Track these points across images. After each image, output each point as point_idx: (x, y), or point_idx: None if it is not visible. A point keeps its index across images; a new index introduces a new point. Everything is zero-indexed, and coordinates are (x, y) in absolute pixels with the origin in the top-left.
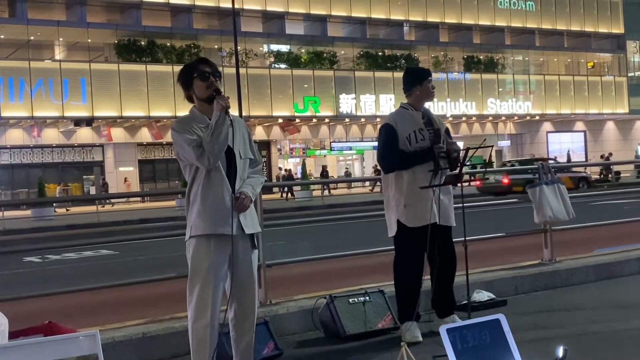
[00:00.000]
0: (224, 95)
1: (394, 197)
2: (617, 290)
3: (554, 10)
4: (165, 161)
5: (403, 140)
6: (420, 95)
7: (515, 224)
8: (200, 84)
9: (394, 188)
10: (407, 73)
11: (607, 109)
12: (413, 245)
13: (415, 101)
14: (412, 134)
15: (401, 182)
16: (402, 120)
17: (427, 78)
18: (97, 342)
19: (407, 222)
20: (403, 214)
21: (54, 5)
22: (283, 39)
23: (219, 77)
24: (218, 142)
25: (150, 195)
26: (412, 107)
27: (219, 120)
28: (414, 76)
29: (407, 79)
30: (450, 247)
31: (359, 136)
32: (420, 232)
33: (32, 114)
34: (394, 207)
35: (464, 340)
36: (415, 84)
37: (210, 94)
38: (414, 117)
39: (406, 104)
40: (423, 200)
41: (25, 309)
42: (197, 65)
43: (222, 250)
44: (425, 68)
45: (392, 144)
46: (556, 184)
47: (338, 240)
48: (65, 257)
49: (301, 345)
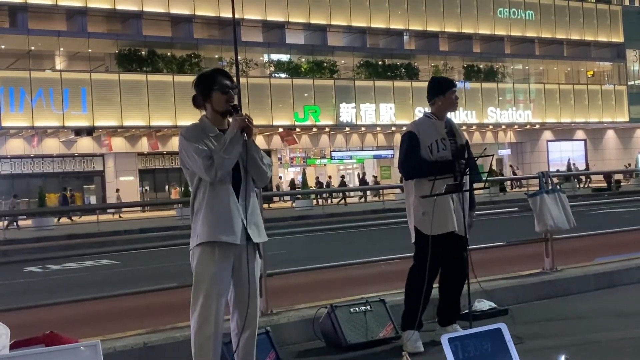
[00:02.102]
0: (246, 115)
1: (414, 205)
2: (618, 299)
3: (554, 19)
4: (165, 170)
5: (425, 149)
6: (443, 105)
7: (515, 232)
8: (220, 96)
9: (413, 196)
10: (432, 82)
11: (607, 118)
12: (429, 253)
13: (438, 111)
14: (434, 143)
15: (421, 191)
16: (424, 129)
17: (451, 89)
18: (98, 352)
19: (424, 230)
20: (421, 221)
21: (54, 15)
22: (283, 48)
23: (235, 91)
24: (228, 158)
25: (153, 205)
26: (435, 117)
27: (234, 138)
28: (438, 86)
29: (431, 88)
30: (465, 254)
31: (359, 145)
32: (437, 240)
33: (32, 124)
34: (413, 214)
35: (465, 350)
36: (438, 94)
37: (227, 109)
38: (436, 126)
39: (429, 113)
40: (442, 208)
41: (26, 319)
42: (216, 77)
43: (227, 259)
44: (449, 78)
45: (414, 151)
46: (557, 192)
47: (339, 249)
48: (66, 267)
49: (302, 355)
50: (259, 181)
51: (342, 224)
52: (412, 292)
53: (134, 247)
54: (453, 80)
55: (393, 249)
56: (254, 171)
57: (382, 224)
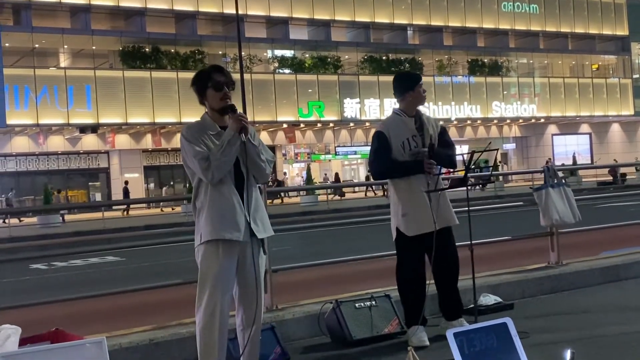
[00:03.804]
0: (240, 114)
1: (394, 205)
2: (624, 293)
3: (558, 12)
4: (170, 167)
5: (398, 148)
6: (412, 101)
7: (521, 226)
8: (214, 94)
9: (394, 196)
10: (398, 79)
11: (612, 111)
12: (411, 252)
13: (407, 107)
14: (406, 141)
15: (399, 191)
16: (394, 128)
17: (419, 83)
18: (103, 348)
19: (405, 231)
20: (402, 222)
21: (58, 13)
22: (287, 44)
23: (232, 86)
24: (225, 161)
25: (157, 202)
26: (405, 113)
27: (231, 140)
28: (406, 82)
29: (398, 85)
30: (450, 248)
31: (364, 140)
32: (418, 239)
33: (37, 122)
34: (394, 214)
35: (471, 345)
36: (407, 90)
37: (223, 106)
38: (406, 123)
39: (398, 110)
40: (421, 208)
41: (32, 316)
42: (211, 74)
43: (231, 256)
44: (415, 72)
45: (383, 152)
46: (562, 186)
47: (343, 244)
48: (72, 264)
49: (307, 350)
50: (259, 178)
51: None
52: (406, 291)
53: (139, 244)
54: (419, 75)
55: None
56: (253, 168)
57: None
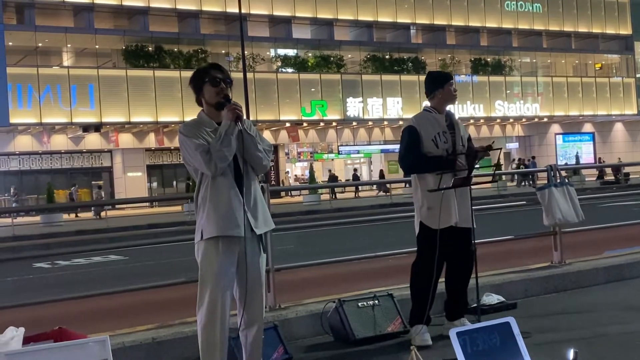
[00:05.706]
0: (234, 103)
1: (418, 200)
2: (627, 292)
3: (561, 11)
4: (173, 166)
5: (429, 143)
6: (442, 99)
7: (524, 226)
8: (211, 89)
9: (419, 191)
10: (429, 77)
11: (615, 111)
12: (432, 248)
13: (437, 104)
14: (437, 135)
15: (425, 186)
16: (425, 124)
17: (449, 81)
18: (107, 347)
19: (430, 224)
20: (426, 216)
21: (61, 11)
22: (290, 43)
23: (230, 83)
24: (227, 150)
25: (161, 201)
26: (435, 110)
27: (228, 130)
28: (436, 80)
29: (429, 82)
30: (471, 251)
31: (367, 139)
32: (442, 234)
33: (40, 121)
34: (418, 209)
35: (474, 344)
36: (437, 87)
37: (219, 101)
38: (437, 119)
39: (429, 107)
40: (445, 202)
41: (36, 315)
42: (208, 71)
43: (231, 253)
44: (447, 72)
45: (414, 147)
46: (565, 185)
47: (346, 244)
48: (75, 262)
49: (310, 349)
50: (258, 169)
51: (349, 218)
52: (418, 287)
53: (142, 243)
54: (450, 73)
55: (401, 243)
56: (250, 159)
57: (390, 218)
